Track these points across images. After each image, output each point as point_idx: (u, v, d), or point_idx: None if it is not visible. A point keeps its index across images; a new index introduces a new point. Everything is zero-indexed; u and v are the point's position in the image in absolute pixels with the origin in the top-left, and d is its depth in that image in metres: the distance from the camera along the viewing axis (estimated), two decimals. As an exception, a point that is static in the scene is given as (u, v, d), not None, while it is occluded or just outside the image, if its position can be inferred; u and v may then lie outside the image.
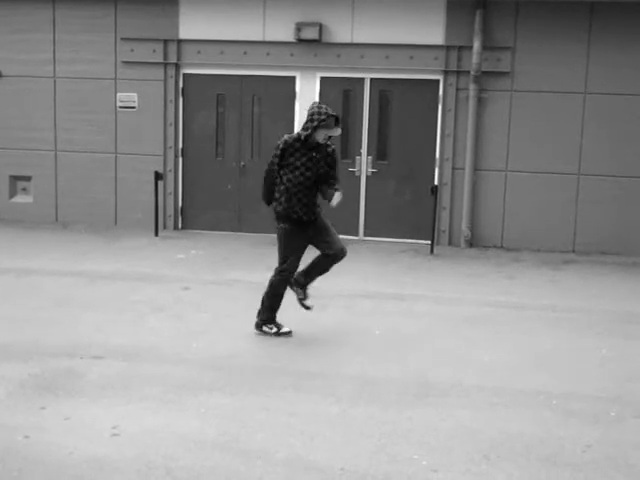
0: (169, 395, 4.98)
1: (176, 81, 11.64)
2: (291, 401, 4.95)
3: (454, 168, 11.12)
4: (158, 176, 11.23)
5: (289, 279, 6.36)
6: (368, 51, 11.09)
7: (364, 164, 11.40)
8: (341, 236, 6.65)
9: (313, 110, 6.14)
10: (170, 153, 11.74)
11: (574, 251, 10.92)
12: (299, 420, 4.63)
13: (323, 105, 6.22)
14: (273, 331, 6.41)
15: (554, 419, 4.79)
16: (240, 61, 11.41)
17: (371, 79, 11.28)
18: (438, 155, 11.18)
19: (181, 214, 11.93)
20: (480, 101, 10.89)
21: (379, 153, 11.42)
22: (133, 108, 11.72)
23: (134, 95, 11.69)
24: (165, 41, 11.51)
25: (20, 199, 12.16)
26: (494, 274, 9.38)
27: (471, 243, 11.13)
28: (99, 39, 11.66)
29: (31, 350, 5.80)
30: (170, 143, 11.72)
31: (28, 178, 12.09)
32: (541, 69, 10.78)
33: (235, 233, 11.72)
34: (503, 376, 5.59)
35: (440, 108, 11.11)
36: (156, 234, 11.21)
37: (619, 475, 4.07)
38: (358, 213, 11.45)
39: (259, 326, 6.47)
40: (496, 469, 4.07)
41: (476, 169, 11.04)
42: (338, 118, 6.21)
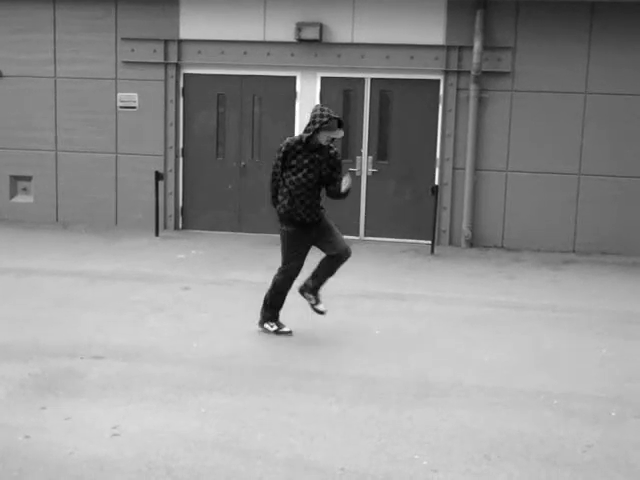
0: (169, 395, 4.98)
1: (176, 81, 11.64)
2: (291, 401, 4.95)
3: (454, 168, 11.12)
4: (158, 176, 11.23)
5: (293, 278, 6.36)
6: (368, 51, 11.09)
7: (364, 164, 11.40)
8: (341, 236, 6.64)
9: (315, 112, 6.15)
10: (170, 153, 11.75)
11: (574, 251, 10.92)
12: (299, 420, 4.63)
13: (325, 107, 6.23)
14: (274, 329, 6.43)
15: (554, 419, 4.79)
16: (240, 61, 11.41)
17: (371, 79, 11.28)
18: (439, 155, 11.18)
19: (181, 214, 11.93)
20: (480, 101, 10.89)
21: (380, 153, 11.42)
22: (133, 108, 11.72)
23: (134, 95, 11.70)
24: (165, 41, 11.51)
25: (20, 199, 12.17)
26: (494, 274, 9.38)
27: (471, 243, 11.13)
28: (99, 39, 11.67)
29: (31, 350, 5.80)
30: (170, 143, 11.72)
31: (28, 178, 12.09)
32: (541, 69, 10.78)
33: (235, 233, 11.73)
34: (503, 376, 5.59)
35: (440, 108, 11.11)
36: (156, 234, 11.21)
37: (619, 475, 4.06)
38: (359, 213, 11.46)
39: (261, 323, 6.49)
40: (496, 469, 4.07)
41: (476, 169, 11.05)
42: (341, 121, 6.21)
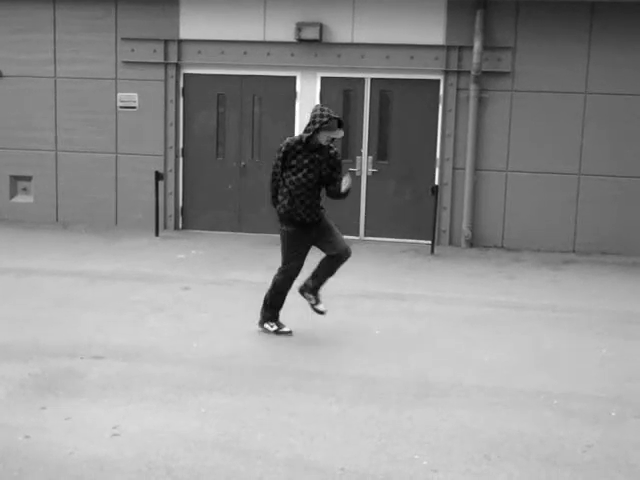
0: (169, 395, 4.98)
1: (176, 81, 11.64)
2: (291, 401, 4.95)
3: (454, 168, 11.12)
4: (158, 176, 11.23)
5: (293, 278, 6.36)
6: (368, 51, 11.09)
7: (365, 164, 11.40)
8: (341, 236, 6.63)
9: (315, 112, 6.15)
10: (170, 153, 11.75)
11: (574, 251, 10.92)
12: (299, 420, 4.63)
13: (325, 107, 6.23)
14: (273, 329, 6.43)
15: (554, 419, 4.79)
16: (240, 61, 11.41)
17: (371, 79, 11.28)
18: (439, 155, 11.18)
19: (181, 214, 11.93)
20: (480, 101, 10.89)
21: (380, 153, 11.42)
22: (133, 108, 11.72)
23: (134, 95, 11.70)
24: (165, 41, 11.51)
25: (20, 199, 12.17)
26: (494, 274, 9.38)
27: (471, 243, 11.13)
28: (99, 39, 11.67)
29: (31, 350, 5.80)
30: (170, 143, 11.72)
31: (28, 178, 12.09)
32: (541, 69, 10.78)
33: (235, 233, 11.72)
34: (503, 376, 5.59)
35: (440, 108, 11.11)
36: (156, 234, 11.21)
37: (620, 475, 4.06)
38: (359, 213, 11.45)
39: (261, 323, 6.49)
40: (496, 469, 4.07)
41: (476, 169, 11.04)
42: (341, 121, 6.21)
